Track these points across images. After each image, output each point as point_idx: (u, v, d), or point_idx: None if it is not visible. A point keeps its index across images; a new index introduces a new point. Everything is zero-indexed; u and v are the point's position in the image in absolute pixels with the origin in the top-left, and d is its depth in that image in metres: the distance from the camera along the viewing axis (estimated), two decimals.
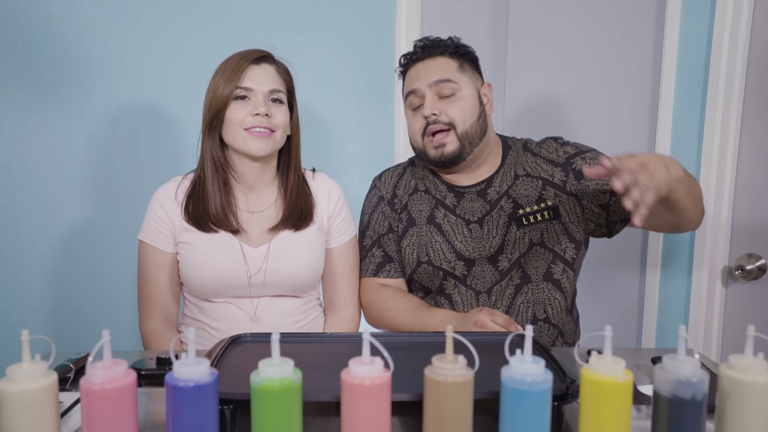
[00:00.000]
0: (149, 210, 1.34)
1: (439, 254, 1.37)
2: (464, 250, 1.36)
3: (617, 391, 0.69)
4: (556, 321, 1.35)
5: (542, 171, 1.38)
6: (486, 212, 1.37)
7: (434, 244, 1.37)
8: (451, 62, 1.36)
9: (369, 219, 1.47)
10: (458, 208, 1.39)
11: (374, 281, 1.43)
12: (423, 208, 1.41)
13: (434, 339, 1.05)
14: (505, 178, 1.39)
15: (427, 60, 1.37)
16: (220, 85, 1.26)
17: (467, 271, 1.36)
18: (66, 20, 1.63)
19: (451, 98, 1.34)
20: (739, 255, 1.70)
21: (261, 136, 1.26)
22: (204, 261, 1.29)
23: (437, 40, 1.39)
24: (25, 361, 0.67)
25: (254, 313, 1.31)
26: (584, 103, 1.83)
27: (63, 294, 1.70)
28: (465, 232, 1.37)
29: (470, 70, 1.39)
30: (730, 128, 1.66)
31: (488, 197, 1.38)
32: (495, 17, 1.83)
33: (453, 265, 1.36)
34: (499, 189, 1.38)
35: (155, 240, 1.32)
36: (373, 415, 0.68)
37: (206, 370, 0.68)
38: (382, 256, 1.43)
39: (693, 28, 1.70)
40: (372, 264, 1.44)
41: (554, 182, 1.37)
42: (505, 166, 1.41)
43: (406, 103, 1.40)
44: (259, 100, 1.26)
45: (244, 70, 1.26)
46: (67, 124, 1.66)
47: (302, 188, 1.37)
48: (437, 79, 1.33)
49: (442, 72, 1.34)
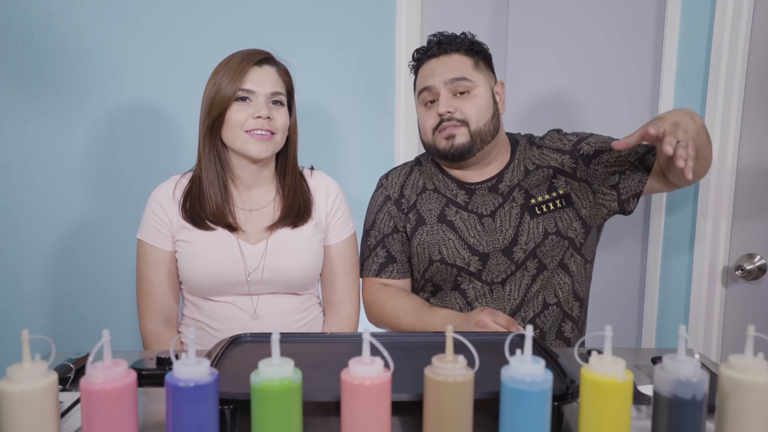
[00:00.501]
0: (147, 209, 1.34)
1: (453, 251, 1.36)
2: (478, 244, 1.36)
3: (617, 391, 0.69)
4: (564, 305, 1.37)
5: (551, 160, 1.39)
6: (498, 205, 1.37)
7: (447, 242, 1.37)
8: (466, 60, 1.36)
9: (374, 218, 1.46)
10: (470, 204, 1.39)
11: (376, 281, 1.43)
12: (433, 207, 1.41)
13: (434, 339, 1.05)
14: (516, 173, 1.40)
15: (442, 56, 1.36)
16: (222, 85, 1.26)
17: (482, 266, 1.36)
18: (66, 20, 1.63)
19: (466, 96, 1.33)
20: (739, 255, 1.70)
21: (262, 139, 1.26)
22: (202, 259, 1.29)
23: (452, 36, 1.37)
24: (25, 361, 0.67)
25: (254, 311, 1.31)
26: (584, 103, 1.83)
27: (63, 294, 1.71)
28: (478, 227, 1.36)
29: (484, 68, 1.38)
30: (730, 128, 1.66)
31: (500, 191, 1.39)
32: (495, 17, 1.83)
33: (467, 261, 1.36)
34: (510, 183, 1.39)
35: (154, 239, 1.32)
36: (373, 415, 0.68)
37: (206, 370, 0.68)
38: (385, 256, 1.43)
39: (693, 28, 1.70)
40: (375, 264, 1.43)
41: (564, 170, 1.38)
42: (515, 161, 1.41)
43: (419, 98, 1.39)
44: (261, 102, 1.26)
45: (247, 71, 1.26)
46: (67, 124, 1.66)
47: (300, 186, 1.37)
48: (453, 77, 1.33)
49: (457, 69, 1.34)
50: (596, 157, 1.37)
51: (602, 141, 1.39)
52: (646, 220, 1.84)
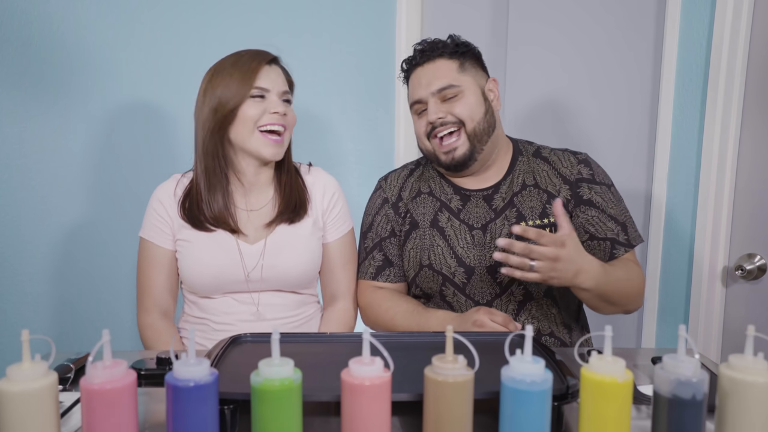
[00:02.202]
0: (149, 207, 1.35)
1: (440, 258, 1.35)
2: (465, 256, 1.34)
3: (617, 391, 0.69)
4: (558, 335, 1.34)
5: (549, 184, 1.35)
6: (490, 219, 1.35)
7: (435, 248, 1.36)
8: (450, 63, 1.34)
9: (372, 220, 1.44)
10: (462, 213, 1.37)
11: (371, 284, 1.42)
12: (426, 211, 1.39)
13: (434, 339, 1.05)
14: (513, 185, 1.37)
15: (427, 64, 1.35)
16: (234, 83, 1.26)
17: (466, 280, 1.34)
18: (66, 20, 1.63)
19: (454, 99, 1.32)
20: (739, 255, 1.70)
21: (277, 143, 1.28)
22: (202, 258, 1.29)
23: (435, 42, 1.37)
24: (25, 361, 0.67)
25: (256, 309, 1.32)
26: (584, 103, 1.83)
27: (63, 294, 1.71)
28: (468, 238, 1.35)
29: (472, 68, 1.36)
30: (730, 128, 1.67)
31: (494, 204, 1.36)
32: (495, 16, 1.83)
33: (453, 271, 1.34)
34: (505, 196, 1.36)
35: (156, 237, 1.33)
36: (373, 415, 0.68)
37: (206, 370, 0.68)
38: (382, 260, 1.41)
39: (693, 28, 1.70)
40: (372, 267, 1.42)
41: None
42: (514, 171, 1.38)
43: (412, 109, 1.39)
44: (275, 99, 1.29)
45: (260, 70, 1.28)
46: (67, 124, 1.66)
47: (296, 181, 1.38)
48: (439, 87, 1.32)
49: (442, 77, 1.33)
50: (587, 205, 1.34)
51: (600, 197, 1.35)
52: (646, 220, 1.84)
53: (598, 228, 1.33)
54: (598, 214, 1.33)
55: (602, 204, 1.34)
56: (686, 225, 1.78)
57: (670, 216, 1.80)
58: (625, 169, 1.83)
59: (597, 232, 1.33)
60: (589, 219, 1.33)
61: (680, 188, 1.78)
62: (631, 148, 1.84)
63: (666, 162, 1.78)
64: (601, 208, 1.34)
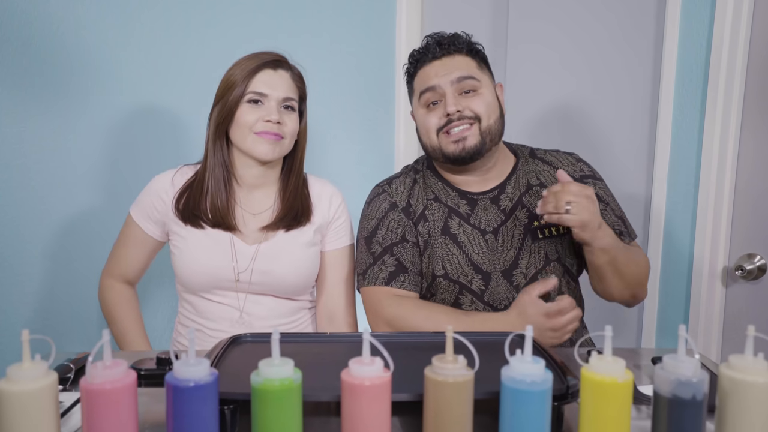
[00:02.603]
0: (148, 190, 1.35)
1: (456, 267, 1.30)
2: (481, 262, 1.30)
3: (617, 391, 0.69)
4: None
5: (556, 181, 1.32)
6: (501, 222, 1.32)
7: (450, 257, 1.30)
8: (470, 60, 1.31)
9: (378, 224, 1.34)
10: (472, 217, 1.33)
11: (389, 291, 1.29)
12: (437, 218, 1.33)
13: (434, 339, 1.05)
14: (518, 185, 1.35)
15: (445, 58, 1.30)
16: (233, 85, 1.26)
17: (484, 286, 1.29)
18: (66, 20, 1.63)
19: (472, 94, 1.28)
20: (739, 255, 1.70)
21: (270, 140, 1.26)
22: (195, 254, 1.29)
23: (454, 35, 1.32)
24: (25, 361, 0.67)
25: (240, 313, 1.31)
26: (584, 102, 1.83)
27: (62, 294, 1.70)
28: (481, 243, 1.31)
29: (486, 69, 1.35)
30: (730, 128, 1.67)
31: (501, 205, 1.33)
32: (495, 15, 1.83)
33: (470, 279, 1.30)
34: (512, 196, 1.34)
35: (142, 221, 1.35)
36: (373, 415, 0.68)
37: (206, 370, 0.68)
38: (395, 265, 1.30)
39: (693, 28, 1.70)
40: (383, 272, 1.30)
41: None
42: (517, 172, 1.36)
43: (420, 100, 1.32)
44: (272, 106, 1.26)
45: (258, 73, 1.26)
46: (67, 124, 1.66)
47: (301, 191, 1.36)
48: (460, 76, 1.27)
49: (463, 69, 1.29)
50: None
51: (603, 192, 1.36)
52: (646, 219, 1.84)
53: (607, 221, 1.31)
54: (604, 207, 1.34)
55: (606, 198, 1.35)
56: (686, 225, 1.78)
57: (670, 216, 1.80)
58: (625, 169, 1.83)
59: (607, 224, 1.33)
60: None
61: (680, 188, 1.78)
62: (631, 148, 1.84)
63: (666, 162, 1.78)
64: (606, 201, 1.35)
